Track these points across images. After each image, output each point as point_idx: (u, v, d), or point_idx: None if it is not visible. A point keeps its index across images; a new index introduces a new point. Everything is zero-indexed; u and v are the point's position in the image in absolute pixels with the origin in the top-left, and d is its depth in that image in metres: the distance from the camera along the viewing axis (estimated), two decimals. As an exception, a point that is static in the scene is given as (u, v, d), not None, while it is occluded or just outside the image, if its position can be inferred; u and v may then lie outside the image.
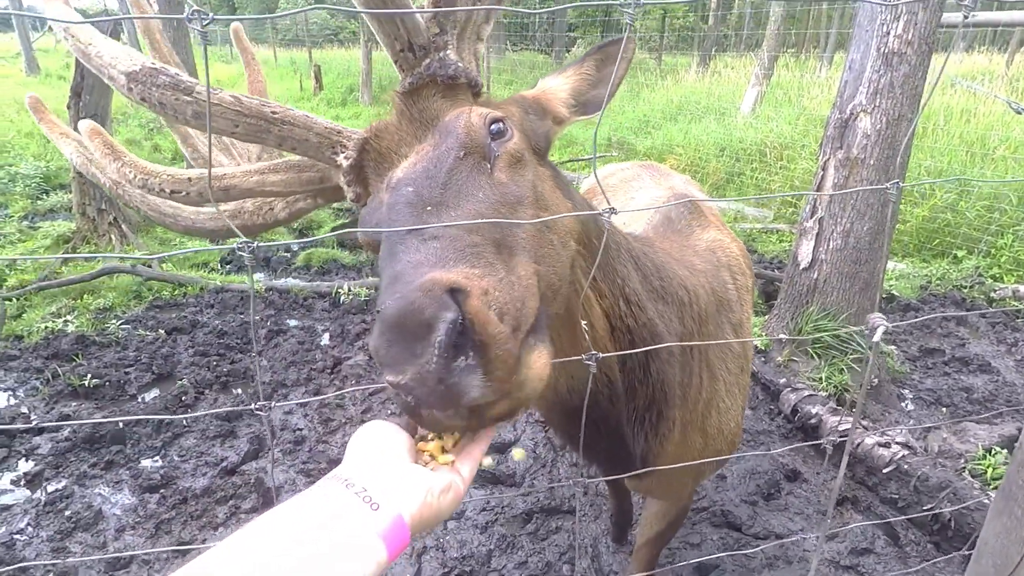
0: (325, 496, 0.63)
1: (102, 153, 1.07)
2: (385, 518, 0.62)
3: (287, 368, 4.12)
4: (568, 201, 1.08)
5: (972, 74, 11.73)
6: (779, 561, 2.71)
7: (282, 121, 0.94)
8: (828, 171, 3.72)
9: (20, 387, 3.86)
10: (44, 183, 8.11)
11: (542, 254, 0.89)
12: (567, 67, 1.21)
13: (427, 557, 2.70)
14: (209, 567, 0.53)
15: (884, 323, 1.05)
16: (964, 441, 3.19)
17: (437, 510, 0.69)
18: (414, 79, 0.95)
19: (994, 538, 1.07)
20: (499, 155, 0.93)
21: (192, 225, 1.11)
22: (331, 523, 0.59)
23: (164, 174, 1.04)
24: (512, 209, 0.90)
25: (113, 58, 0.95)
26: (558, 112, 1.15)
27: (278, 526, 0.59)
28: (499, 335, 0.68)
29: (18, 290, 4.89)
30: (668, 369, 1.33)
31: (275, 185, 1.03)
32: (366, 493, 0.64)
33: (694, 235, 1.83)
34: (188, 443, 3.39)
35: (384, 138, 0.95)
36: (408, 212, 0.83)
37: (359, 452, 0.71)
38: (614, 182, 2.72)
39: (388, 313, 0.68)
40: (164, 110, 0.92)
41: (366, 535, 0.60)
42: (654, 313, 1.26)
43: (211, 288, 5.19)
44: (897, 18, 3.29)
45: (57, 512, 2.87)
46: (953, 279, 5.57)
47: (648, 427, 1.34)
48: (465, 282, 0.70)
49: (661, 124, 10.56)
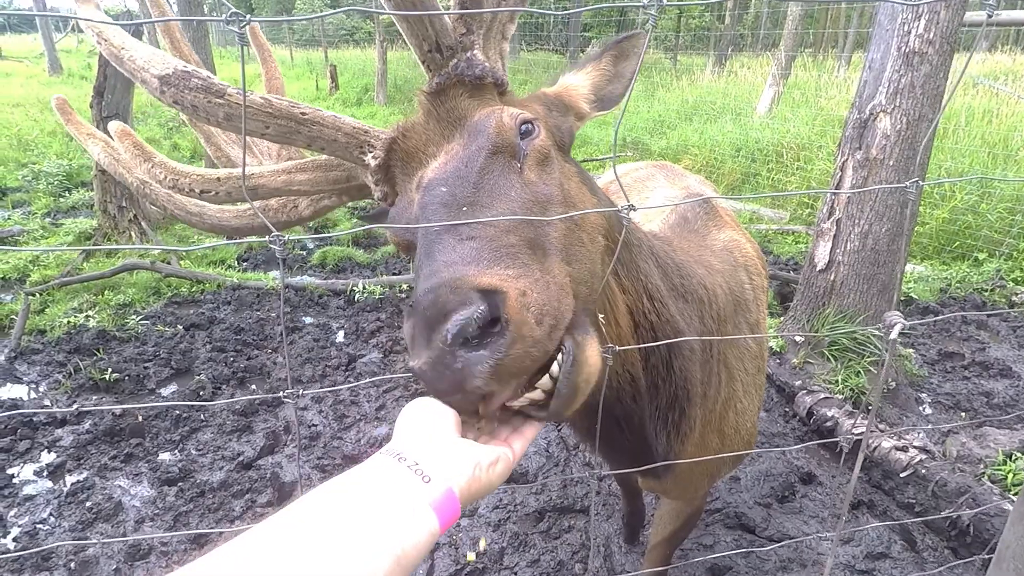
0: (379, 469, 0.66)
1: (132, 154, 1.09)
2: (437, 490, 0.64)
3: (303, 365, 4.16)
4: (593, 197, 1.08)
5: (995, 73, 11.53)
6: (793, 564, 2.69)
7: (311, 122, 0.95)
8: (846, 172, 3.68)
9: (43, 380, 3.94)
10: (66, 180, 8.25)
11: (573, 252, 0.90)
12: (585, 63, 1.21)
13: (440, 554, 2.71)
14: (267, 534, 0.55)
15: (902, 320, 1.05)
16: (984, 446, 3.14)
17: (487, 482, 0.71)
18: (441, 79, 0.95)
19: (1016, 542, 1.05)
20: (528, 153, 0.94)
21: (217, 223, 1.13)
22: (386, 494, 0.62)
23: (194, 174, 1.06)
24: (543, 208, 0.91)
25: (146, 61, 0.97)
26: (580, 108, 1.16)
27: (335, 495, 0.61)
28: (531, 337, 0.71)
29: (41, 285, 4.98)
30: (690, 367, 1.33)
31: (302, 184, 1.05)
32: (418, 467, 0.66)
33: (711, 235, 1.83)
34: (205, 437, 3.44)
35: (411, 137, 0.96)
36: (444, 212, 0.84)
37: (408, 428, 0.73)
38: (628, 181, 2.72)
39: (417, 306, 0.72)
40: (196, 112, 0.94)
41: (420, 506, 0.62)
42: (675, 310, 1.26)
43: (228, 285, 5.26)
44: (919, 17, 3.25)
45: (79, 503, 2.93)
46: (973, 282, 5.49)
47: (671, 426, 1.34)
48: (501, 283, 0.72)
49: (676, 124, 10.50)
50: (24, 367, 4.07)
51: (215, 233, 1.13)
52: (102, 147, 1.16)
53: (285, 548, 0.53)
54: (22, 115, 12.05)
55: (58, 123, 11.56)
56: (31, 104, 13.06)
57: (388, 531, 0.58)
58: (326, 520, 0.57)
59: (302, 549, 0.53)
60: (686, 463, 1.46)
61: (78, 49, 27.74)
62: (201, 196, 1.06)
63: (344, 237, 6.74)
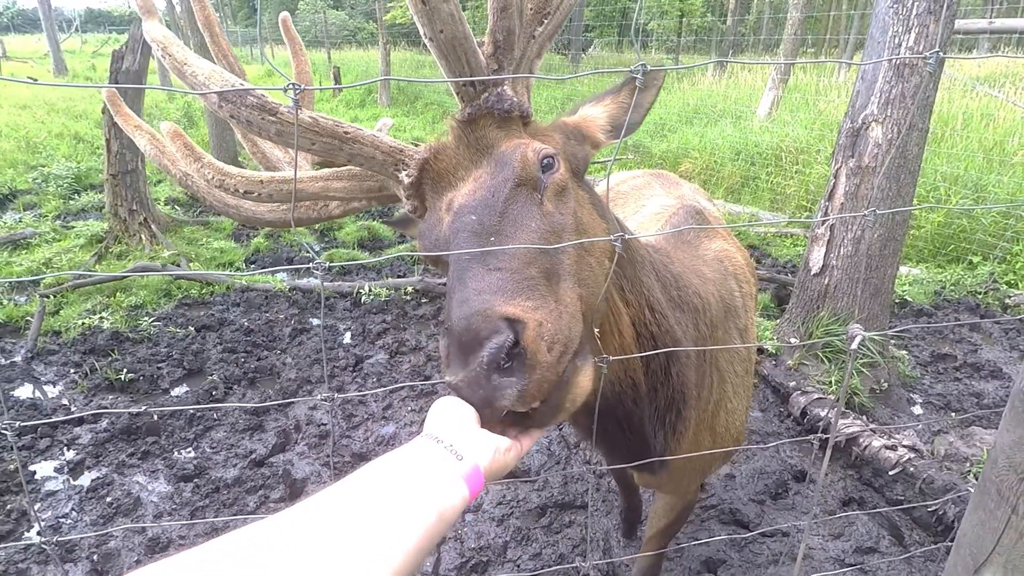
0: (423, 448, 0.80)
1: (183, 154, 1.20)
2: (467, 466, 0.79)
3: (311, 366, 4.28)
4: (603, 221, 1.19)
5: (993, 77, 11.61)
6: (784, 557, 2.80)
7: (353, 140, 1.06)
8: (840, 179, 3.79)
9: (60, 380, 4.07)
10: (75, 183, 8.38)
11: (583, 277, 1.03)
12: (604, 96, 1.31)
13: (446, 547, 2.83)
14: (333, 495, 0.68)
15: (862, 333, 1.16)
16: (971, 445, 3.25)
17: (503, 463, 0.86)
18: (473, 110, 1.06)
19: (971, 529, 1.17)
20: (547, 186, 1.05)
21: (252, 215, 1.24)
22: (429, 466, 0.77)
23: (239, 176, 1.17)
24: (558, 237, 1.02)
25: (206, 77, 1.07)
26: (596, 138, 1.27)
27: (392, 465, 0.75)
28: (545, 363, 0.85)
29: (55, 287, 5.11)
30: (686, 372, 1.45)
31: (337, 191, 1.17)
32: (452, 448, 0.80)
33: (702, 245, 1.94)
34: (219, 436, 3.56)
35: (442, 160, 1.07)
36: (474, 240, 0.95)
37: (441, 418, 0.86)
38: (626, 189, 2.84)
39: (455, 330, 0.85)
40: (251, 127, 1.05)
41: (455, 477, 0.76)
42: (674, 321, 1.38)
43: (237, 287, 5.39)
44: (909, 30, 3.36)
45: (99, 498, 3.05)
46: (968, 285, 5.60)
47: (668, 426, 1.46)
48: (522, 314, 0.85)
49: (677, 127, 10.61)
50: (41, 367, 4.20)
51: (249, 225, 1.24)
52: (148, 139, 1.26)
53: (351, 505, 0.67)
54: (29, 117, 12.20)
55: (64, 125, 11.72)
56: (38, 106, 13.20)
57: (432, 493, 0.72)
58: (384, 483, 0.71)
59: (366, 504, 0.67)
60: (679, 460, 1.58)
61: (82, 50, 27.92)
62: (244, 196, 1.17)
63: (350, 240, 6.86)
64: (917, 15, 3.30)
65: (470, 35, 1.02)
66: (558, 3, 1.17)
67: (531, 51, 1.16)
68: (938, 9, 3.28)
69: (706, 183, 8.60)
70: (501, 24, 1.04)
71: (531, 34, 1.15)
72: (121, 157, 5.95)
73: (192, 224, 7.07)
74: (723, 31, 22.89)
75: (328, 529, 0.62)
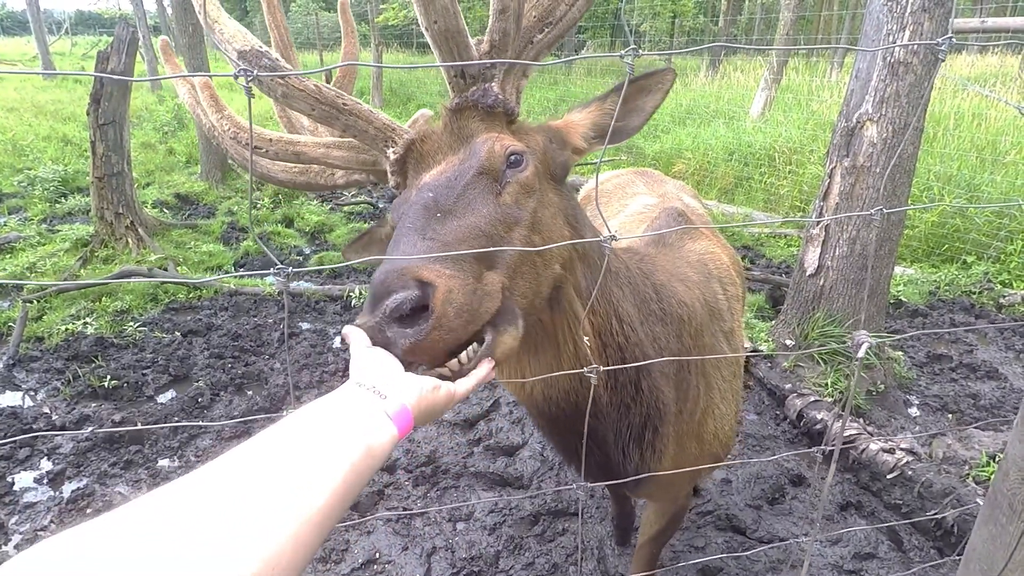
0: (345, 391, 0.81)
1: (208, 104, 1.29)
2: (393, 404, 0.80)
3: (300, 370, 4.20)
4: (566, 229, 1.19)
5: (985, 76, 11.65)
6: (782, 564, 2.75)
7: (350, 112, 1.13)
8: (834, 179, 3.75)
9: (42, 387, 3.97)
10: (62, 186, 8.26)
11: (521, 271, 1.05)
12: (591, 101, 1.30)
13: (436, 557, 2.76)
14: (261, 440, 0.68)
15: (868, 340, 1.11)
16: (969, 448, 3.21)
17: (432, 402, 0.88)
18: (460, 101, 1.12)
19: (981, 544, 1.11)
20: (510, 181, 1.09)
21: (267, 173, 1.33)
22: (354, 405, 0.78)
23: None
24: (508, 228, 1.05)
25: (231, 36, 1.13)
26: (576, 143, 1.27)
27: (317, 408, 0.76)
28: (446, 326, 0.89)
29: (38, 292, 5.01)
30: (662, 386, 1.39)
31: (336, 159, 1.25)
32: (375, 388, 0.82)
33: (685, 247, 1.89)
34: (204, 444, 3.47)
35: (427, 143, 1.12)
36: (422, 213, 0.99)
37: (364, 365, 0.87)
38: (609, 187, 2.80)
39: (373, 282, 0.91)
40: (260, 87, 1.11)
41: (380, 415, 0.78)
42: (644, 334, 1.35)
43: (225, 291, 5.30)
44: (903, 28, 3.32)
45: (79, 510, 2.97)
46: (962, 284, 5.58)
47: (646, 445, 1.41)
48: (435, 279, 0.89)
49: (670, 128, 10.58)
50: (23, 374, 4.10)
51: (264, 181, 1.34)
52: (187, 90, 1.36)
53: (281, 443, 0.67)
54: (16, 120, 12.04)
55: (52, 128, 11.57)
56: (25, 108, 13.03)
57: (358, 429, 0.73)
58: (310, 423, 0.72)
59: (292, 442, 0.68)
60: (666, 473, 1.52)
61: (72, 52, 27.70)
62: (253, 152, 1.23)
63: (340, 242, 6.78)
64: (912, 12, 3.26)
65: (464, 29, 1.07)
66: (561, 14, 1.22)
67: (527, 55, 1.20)
68: (933, 7, 3.24)
69: (700, 184, 8.57)
70: (498, 25, 1.10)
71: (529, 40, 1.21)
72: (107, 160, 5.84)
73: (180, 227, 6.97)
74: (715, 32, 22.93)
75: (254, 467, 0.62)
